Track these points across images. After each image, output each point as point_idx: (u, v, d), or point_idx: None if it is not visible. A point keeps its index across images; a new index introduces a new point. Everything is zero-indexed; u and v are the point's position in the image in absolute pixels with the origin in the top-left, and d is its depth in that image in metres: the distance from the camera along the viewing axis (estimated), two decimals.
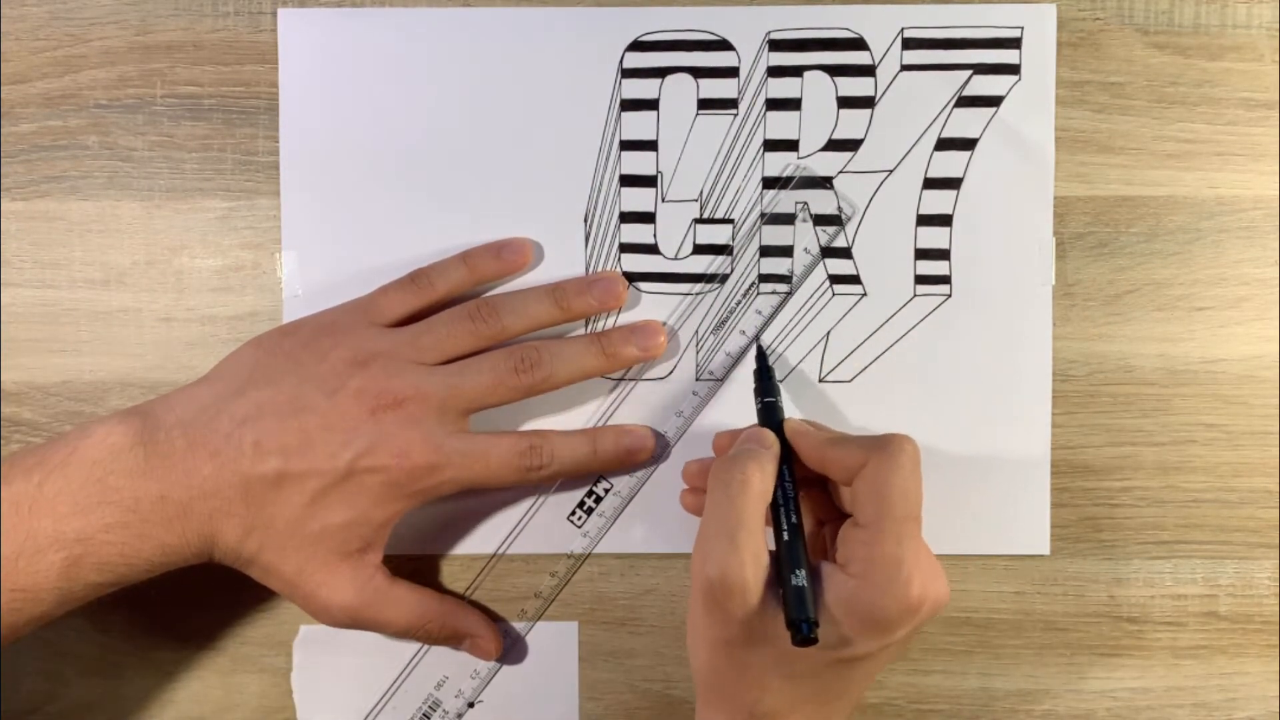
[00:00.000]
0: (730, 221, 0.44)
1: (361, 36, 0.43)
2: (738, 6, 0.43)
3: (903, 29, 0.43)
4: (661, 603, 0.44)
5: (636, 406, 0.44)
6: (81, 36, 0.43)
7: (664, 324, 0.43)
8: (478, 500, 0.44)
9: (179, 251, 0.44)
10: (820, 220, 0.43)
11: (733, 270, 0.44)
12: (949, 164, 0.43)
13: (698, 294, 0.44)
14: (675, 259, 0.44)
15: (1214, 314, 0.43)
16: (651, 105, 0.43)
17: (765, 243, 0.44)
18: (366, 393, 0.38)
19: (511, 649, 0.44)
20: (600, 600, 0.44)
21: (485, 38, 0.43)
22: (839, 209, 0.43)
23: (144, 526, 0.36)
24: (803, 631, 0.34)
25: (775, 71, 0.43)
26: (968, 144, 0.43)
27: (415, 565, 0.44)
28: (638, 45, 0.43)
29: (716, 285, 0.44)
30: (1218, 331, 0.43)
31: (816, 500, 0.40)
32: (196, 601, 0.44)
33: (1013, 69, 0.43)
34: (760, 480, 0.36)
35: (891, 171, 0.43)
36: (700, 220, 0.44)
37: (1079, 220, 0.43)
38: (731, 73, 0.43)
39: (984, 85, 0.43)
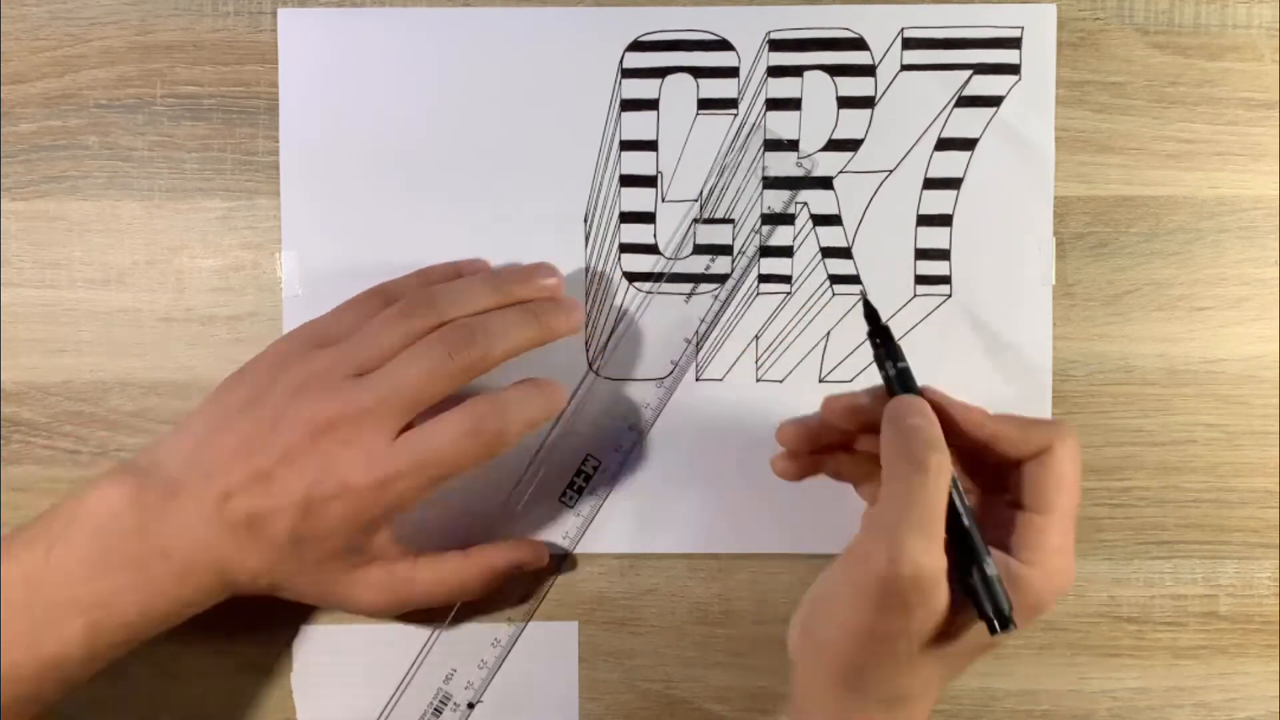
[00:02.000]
0: (730, 221, 0.44)
1: (361, 36, 0.43)
2: (738, 6, 0.43)
3: (903, 29, 0.43)
4: (661, 603, 0.44)
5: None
6: (81, 36, 0.43)
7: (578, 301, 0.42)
8: (460, 502, 0.43)
9: (179, 251, 0.44)
10: (820, 221, 0.43)
11: (733, 270, 0.44)
12: (949, 164, 0.43)
13: (698, 294, 0.44)
14: (675, 259, 0.44)
15: (1214, 314, 0.43)
16: (651, 105, 0.43)
17: (765, 243, 0.44)
18: (301, 419, 0.36)
19: (563, 562, 0.44)
20: (600, 600, 0.44)
21: (485, 38, 0.43)
22: (799, 164, 0.43)
23: (155, 584, 0.36)
24: (1005, 624, 0.33)
25: (775, 71, 0.43)
26: (968, 144, 0.43)
27: None
28: (638, 45, 0.43)
29: (716, 285, 0.44)
30: (1218, 331, 0.43)
31: None
32: None
33: (1013, 69, 0.43)
34: (948, 466, 0.34)
35: (891, 171, 0.43)
36: (700, 220, 0.44)
37: (1079, 220, 0.43)
38: (731, 73, 0.43)
39: (984, 85, 0.43)
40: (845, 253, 0.43)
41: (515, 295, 0.40)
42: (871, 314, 0.38)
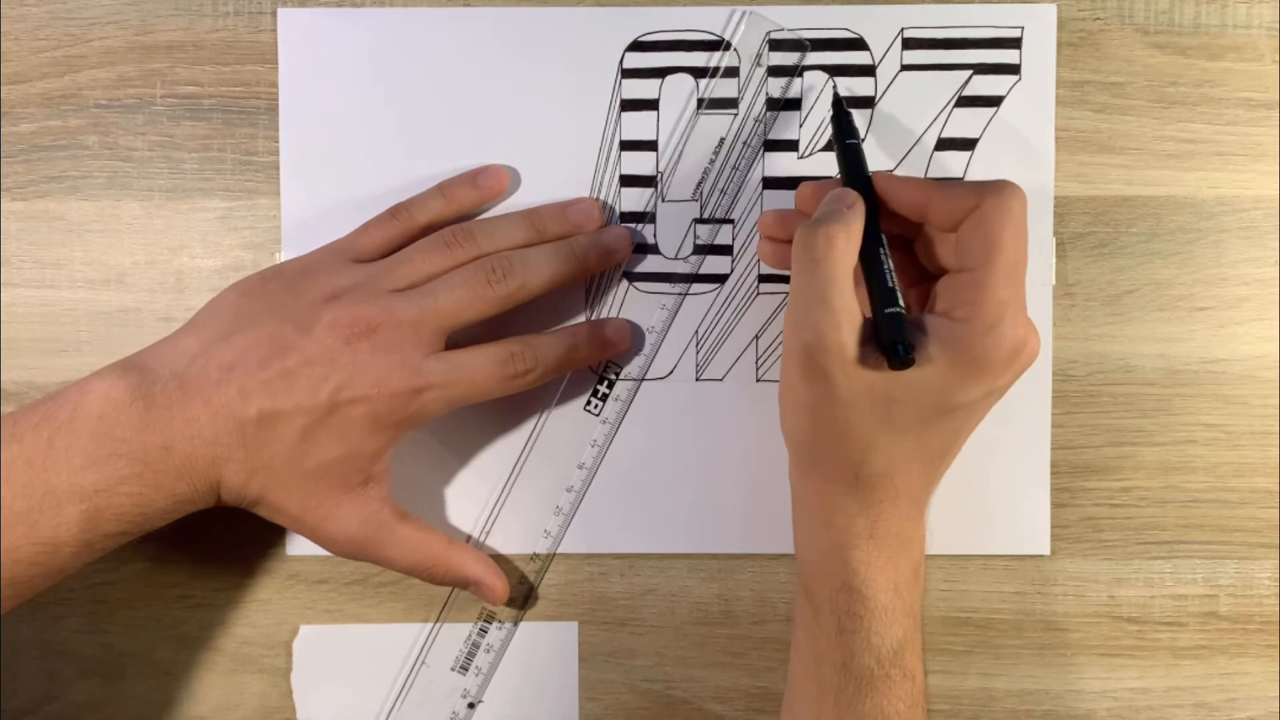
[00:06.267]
0: (730, 221, 0.44)
1: (361, 36, 0.43)
2: (738, 6, 0.43)
3: (903, 29, 0.43)
4: (661, 603, 0.44)
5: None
6: (81, 36, 0.43)
7: (629, 228, 0.43)
8: (491, 415, 0.43)
9: (179, 251, 0.44)
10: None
11: (733, 270, 0.44)
12: (949, 164, 0.43)
13: (698, 294, 0.44)
14: (675, 259, 0.44)
15: (1214, 314, 0.43)
16: (651, 105, 0.43)
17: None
18: (340, 323, 0.38)
19: (527, 597, 0.44)
20: (600, 600, 0.44)
21: (485, 38, 0.43)
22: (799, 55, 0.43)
23: (155, 477, 0.36)
24: (899, 354, 0.34)
25: (775, 71, 0.43)
26: (968, 144, 0.43)
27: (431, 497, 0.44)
28: (638, 45, 0.43)
29: (716, 285, 0.44)
30: (1218, 331, 0.43)
31: (899, 265, 0.39)
32: (196, 601, 0.44)
33: (1013, 69, 0.43)
34: (845, 239, 0.36)
35: (892, 171, 0.43)
36: (700, 220, 0.44)
37: (1079, 220, 0.43)
38: (731, 73, 0.43)
39: (984, 85, 0.43)
40: None
41: (549, 232, 0.42)
42: (837, 96, 0.42)
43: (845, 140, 0.40)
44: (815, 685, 0.38)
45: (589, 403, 0.44)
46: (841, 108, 0.41)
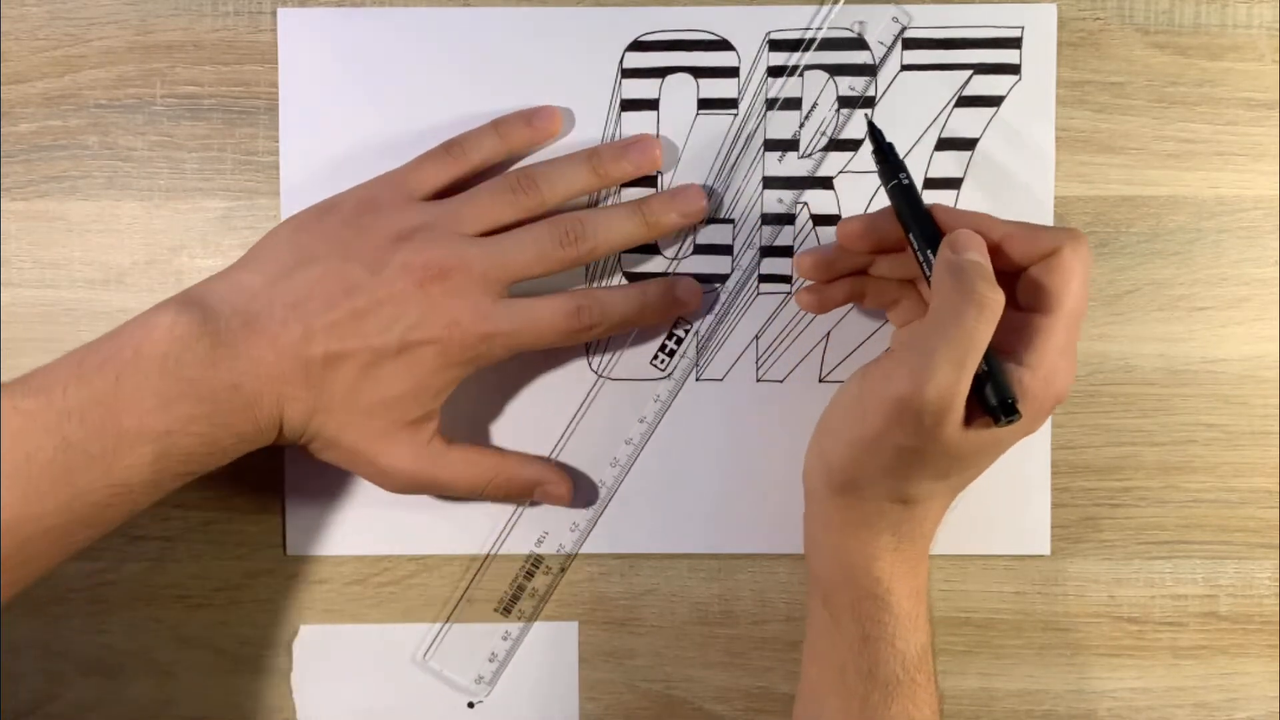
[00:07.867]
0: (730, 221, 0.44)
1: (361, 36, 0.43)
2: (738, 6, 0.43)
3: (903, 29, 0.43)
4: (661, 603, 0.44)
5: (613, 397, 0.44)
6: (81, 36, 0.43)
7: (704, 187, 0.43)
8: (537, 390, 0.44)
9: (179, 251, 0.44)
10: (820, 221, 0.43)
11: (733, 270, 0.44)
12: (949, 164, 0.43)
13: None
14: (675, 259, 0.44)
15: (1214, 314, 0.43)
16: (651, 105, 0.43)
17: (765, 243, 0.44)
18: (412, 266, 0.38)
19: (590, 492, 0.44)
20: (600, 600, 0.44)
21: (485, 38, 0.43)
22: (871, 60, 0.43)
23: (223, 416, 0.36)
24: (1007, 413, 0.34)
25: (775, 71, 0.43)
26: (968, 144, 0.43)
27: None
28: (638, 45, 0.43)
29: (716, 285, 0.44)
30: (1218, 331, 0.43)
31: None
32: (196, 601, 0.44)
33: (1013, 69, 0.43)
34: (1000, 306, 0.34)
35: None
36: (700, 220, 0.44)
37: (1079, 220, 0.43)
38: (731, 73, 0.43)
39: (984, 85, 0.43)
40: None
41: (610, 175, 0.42)
42: (875, 132, 0.39)
43: (900, 178, 0.38)
44: (841, 693, 0.38)
45: (655, 357, 0.44)
46: (881, 140, 0.39)
